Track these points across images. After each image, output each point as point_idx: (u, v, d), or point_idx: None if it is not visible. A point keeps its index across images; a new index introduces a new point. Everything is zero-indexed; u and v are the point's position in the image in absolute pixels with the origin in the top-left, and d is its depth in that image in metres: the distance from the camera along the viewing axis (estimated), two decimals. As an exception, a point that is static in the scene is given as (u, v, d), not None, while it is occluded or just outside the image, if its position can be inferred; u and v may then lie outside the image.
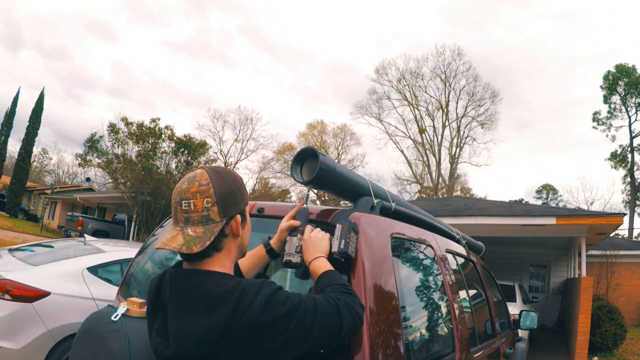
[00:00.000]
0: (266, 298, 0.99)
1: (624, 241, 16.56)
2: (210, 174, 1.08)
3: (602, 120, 32.99)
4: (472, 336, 2.29)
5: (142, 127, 16.72)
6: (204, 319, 0.96)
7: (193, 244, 1.01)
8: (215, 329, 0.95)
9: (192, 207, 1.04)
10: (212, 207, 1.05)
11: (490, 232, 9.10)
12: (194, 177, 1.08)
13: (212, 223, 1.05)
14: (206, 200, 1.05)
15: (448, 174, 35.84)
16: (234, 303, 0.97)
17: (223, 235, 1.08)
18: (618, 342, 8.67)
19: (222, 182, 1.08)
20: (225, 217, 1.07)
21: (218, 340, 0.95)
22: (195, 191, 1.05)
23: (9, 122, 31.22)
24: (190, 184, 1.06)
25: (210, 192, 1.05)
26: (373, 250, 1.50)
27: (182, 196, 1.06)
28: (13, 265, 3.92)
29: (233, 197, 1.10)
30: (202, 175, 1.08)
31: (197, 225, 1.04)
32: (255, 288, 1.00)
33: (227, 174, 1.12)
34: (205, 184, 1.06)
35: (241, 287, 1.00)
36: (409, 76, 36.47)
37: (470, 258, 2.98)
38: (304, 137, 41.06)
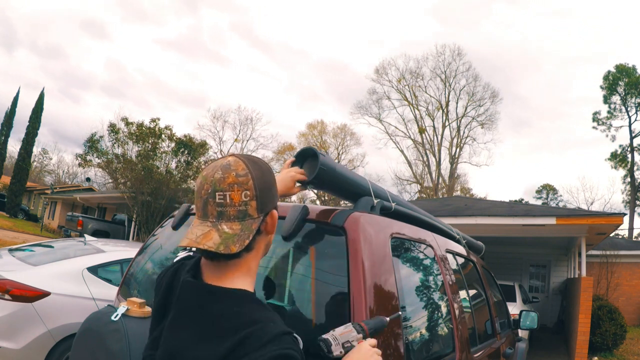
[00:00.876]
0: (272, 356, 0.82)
1: (624, 241, 16.56)
2: (247, 164, 0.95)
3: (602, 120, 33.01)
4: (472, 336, 2.29)
5: (142, 127, 16.73)
6: (196, 350, 0.85)
7: (232, 242, 0.89)
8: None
9: (227, 200, 0.91)
10: (250, 202, 0.93)
11: (490, 232, 9.10)
12: (228, 166, 0.94)
13: (249, 219, 0.93)
14: (244, 194, 0.92)
15: (448, 174, 35.86)
16: (232, 344, 0.83)
17: (258, 232, 0.97)
18: (618, 342, 8.67)
19: (261, 174, 0.96)
20: (262, 213, 0.96)
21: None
22: (232, 182, 0.92)
23: (9, 122, 31.23)
24: (225, 173, 0.92)
25: (249, 184, 0.93)
26: (373, 250, 1.50)
27: (217, 187, 0.91)
28: (13, 265, 3.92)
29: (271, 191, 0.99)
30: (237, 164, 0.95)
31: (233, 222, 0.92)
32: (266, 338, 0.84)
33: (263, 164, 1.00)
34: (244, 175, 0.93)
35: (251, 330, 0.85)
36: (409, 76, 36.51)
37: (470, 258, 2.98)
38: (304, 137, 41.09)
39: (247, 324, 0.86)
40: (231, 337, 0.83)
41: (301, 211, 1.61)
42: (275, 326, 0.88)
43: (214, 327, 0.86)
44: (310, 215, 1.62)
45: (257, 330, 0.85)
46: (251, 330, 0.84)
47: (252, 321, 0.87)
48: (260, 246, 1.01)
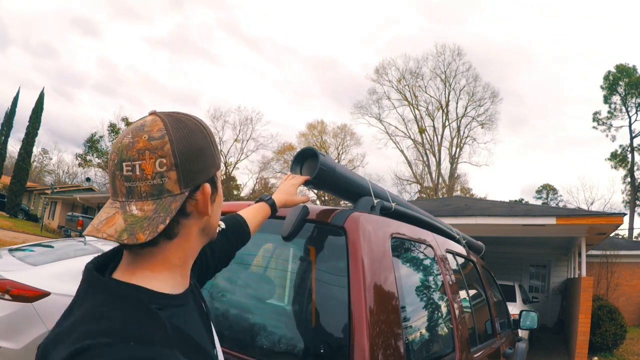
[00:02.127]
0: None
1: (624, 241, 16.56)
2: (166, 122, 0.72)
3: (602, 120, 33.02)
4: (472, 336, 2.29)
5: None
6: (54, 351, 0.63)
7: (139, 228, 0.67)
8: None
9: (137, 173, 0.69)
10: (168, 173, 0.70)
11: (490, 232, 9.10)
12: (142, 128, 0.71)
13: (168, 196, 0.70)
14: (159, 162, 0.69)
15: (448, 174, 35.86)
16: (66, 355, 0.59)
17: (184, 214, 0.74)
18: (618, 342, 8.67)
19: (186, 134, 0.72)
20: (188, 188, 0.72)
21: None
22: (142, 147, 0.69)
23: (9, 122, 31.24)
24: (136, 136, 0.70)
25: (165, 149, 0.69)
26: (373, 250, 1.50)
27: (124, 156, 0.69)
28: (13, 265, 3.92)
29: (201, 158, 0.74)
30: (154, 124, 0.71)
31: (145, 200, 0.69)
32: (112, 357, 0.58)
33: (191, 122, 0.75)
34: (159, 137, 0.70)
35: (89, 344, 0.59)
36: (409, 76, 36.53)
37: (470, 258, 2.98)
38: (304, 137, 41.10)
39: (98, 334, 0.61)
40: (73, 345, 0.60)
41: (301, 211, 1.61)
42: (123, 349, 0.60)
43: (75, 327, 0.64)
44: (310, 215, 1.62)
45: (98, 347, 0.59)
46: (92, 343, 0.59)
47: (105, 332, 0.61)
48: (191, 232, 0.77)
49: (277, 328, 1.59)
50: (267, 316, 1.68)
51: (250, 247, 1.94)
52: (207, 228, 0.81)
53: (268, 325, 1.62)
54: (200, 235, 0.80)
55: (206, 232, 0.81)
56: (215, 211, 0.81)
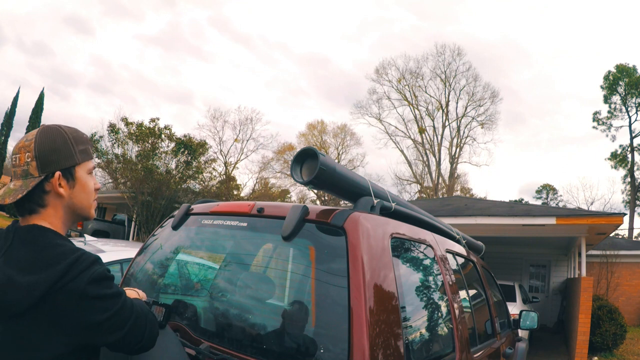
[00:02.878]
0: (98, 273, 1.02)
1: (624, 241, 16.56)
2: (38, 132, 1.11)
3: (602, 120, 33.01)
4: (472, 336, 2.29)
5: (142, 127, 16.73)
6: (32, 274, 0.96)
7: (7, 195, 1.06)
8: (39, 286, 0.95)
9: (17, 162, 1.09)
10: (31, 162, 1.08)
11: (490, 232, 9.10)
12: (26, 135, 1.12)
13: (30, 178, 1.08)
14: (27, 155, 1.08)
15: (448, 174, 35.86)
16: (64, 267, 0.98)
17: (43, 191, 1.09)
18: (618, 342, 8.67)
19: (46, 138, 1.10)
20: (44, 173, 1.08)
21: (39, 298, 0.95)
22: (21, 146, 1.10)
23: (9, 122, 31.23)
24: (21, 140, 1.12)
25: (31, 147, 1.08)
26: (373, 250, 1.50)
27: (14, 151, 1.12)
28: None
29: (55, 153, 1.10)
30: (32, 133, 1.12)
31: (18, 179, 1.09)
32: (90, 260, 1.02)
33: (56, 130, 1.13)
34: (30, 140, 1.09)
35: (77, 255, 1.02)
36: (409, 76, 36.51)
37: (470, 258, 2.98)
38: (304, 137, 41.09)
39: (73, 251, 1.03)
40: (61, 261, 0.99)
41: (301, 211, 1.61)
42: (90, 254, 1.05)
43: (43, 255, 1.00)
44: (310, 215, 1.62)
45: (83, 255, 1.02)
46: (77, 255, 1.02)
47: (72, 250, 1.03)
48: (57, 205, 1.12)
49: (277, 328, 1.59)
50: (267, 316, 1.68)
51: (251, 247, 1.94)
52: (72, 206, 1.15)
53: (268, 325, 1.62)
54: (68, 210, 1.15)
55: (72, 209, 1.15)
56: (77, 195, 1.15)
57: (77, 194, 1.15)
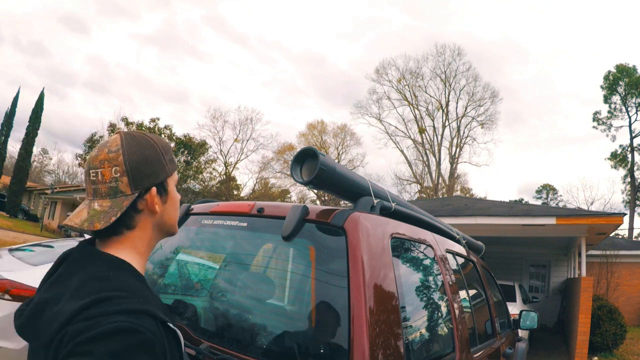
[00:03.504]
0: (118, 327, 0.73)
1: (624, 241, 16.56)
2: (123, 139, 0.94)
3: (602, 120, 33.03)
4: (472, 336, 2.29)
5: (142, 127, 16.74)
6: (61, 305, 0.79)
7: (97, 219, 0.88)
8: (58, 318, 0.77)
9: (99, 178, 0.91)
10: (121, 177, 0.91)
11: (490, 232, 9.10)
12: (105, 143, 0.94)
13: (121, 196, 0.91)
14: (114, 169, 0.90)
15: (448, 174, 35.86)
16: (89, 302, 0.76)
17: (135, 210, 0.93)
18: (618, 342, 8.67)
19: (136, 148, 0.94)
20: (137, 190, 0.92)
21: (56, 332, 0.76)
22: (103, 159, 0.91)
23: (9, 122, 31.24)
24: (99, 150, 0.93)
25: (119, 160, 0.91)
26: (373, 250, 1.50)
27: (90, 165, 0.92)
28: (13, 265, 3.92)
29: (149, 166, 0.94)
30: (114, 140, 0.94)
31: (104, 199, 0.90)
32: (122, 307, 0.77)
33: (143, 139, 0.97)
34: (115, 150, 0.92)
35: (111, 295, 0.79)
36: (409, 76, 36.52)
37: (470, 258, 2.98)
38: (304, 137, 41.09)
39: (113, 289, 0.81)
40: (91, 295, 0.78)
41: (301, 211, 1.61)
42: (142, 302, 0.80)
43: (83, 286, 0.82)
44: (310, 215, 1.62)
45: (119, 297, 0.79)
46: (114, 294, 0.79)
47: (120, 288, 0.81)
48: (146, 226, 0.96)
49: (277, 328, 1.59)
50: (267, 316, 1.68)
51: (251, 247, 1.94)
52: (162, 224, 1.00)
53: (268, 325, 1.62)
54: (157, 229, 0.99)
55: (161, 227, 1.00)
56: (167, 211, 1.01)
57: (168, 210, 1.00)
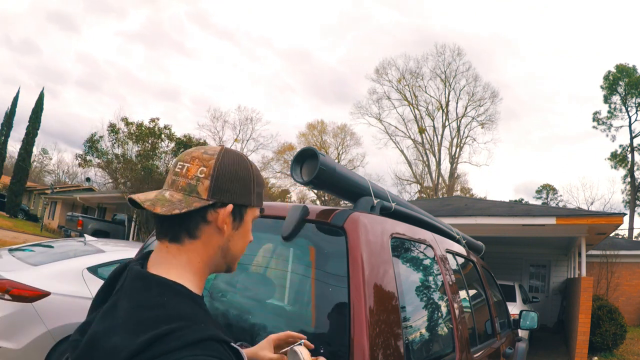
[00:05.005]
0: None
1: (624, 241, 16.56)
2: (223, 149, 0.90)
3: (602, 120, 33.02)
4: (472, 336, 2.29)
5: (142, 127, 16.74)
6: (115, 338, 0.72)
7: (160, 204, 0.82)
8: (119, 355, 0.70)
9: (183, 171, 0.87)
10: (203, 179, 0.85)
11: (490, 232, 9.10)
12: (204, 146, 0.92)
13: (195, 196, 0.85)
14: (201, 170, 0.86)
15: (448, 174, 35.86)
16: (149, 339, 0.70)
17: (204, 219, 0.86)
18: (618, 342, 8.67)
19: (231, 162, 0.89)
20: (213, 198, 0.85)
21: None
22: (195, 156, 0.88)
23: (9, 122, 31.25)
24: (196, 149, 0.90)
25: (209, 163, 0.87)
26: (373, 250, 1.50)
27: (181, 158, 0.89)
28: (13, 265, 3.92)
29: (235, 183, 0.89)
30: (214, 148, 0.91)
31: (178, 192, 0.85)
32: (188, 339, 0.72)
33: (242, 159, 0.92)
34: (211, 154, 0.88)
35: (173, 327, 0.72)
36: (409, 76, 36.52)
37: (470, 258, 2.98)
38: (304, 137, 41.09)
39: (170, 319, 0.73)
40: (150, 331, 0.71)
41: (301, 211, 1.61)
42: (203, 329, 0.75)
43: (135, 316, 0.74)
44: (310, 215, 1.62)
45: (180, 329, 0.72)
46: (173, 327, 0.72)
47: (178, 316, 0.75)
48: (210, 243, 0.87)
49: (277, 328, 1.59)
50: (267, 316, 1.68)
51: (250, 247, 1.94)
52: (227, 251, 0.91)
53: (268, 325, 1.62)
54: (220, 252, 0.90)
55: (225, 254, 0.91)
56: (236, 239, 0.92)
57: (237, 238, 0.92)
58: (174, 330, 0.71)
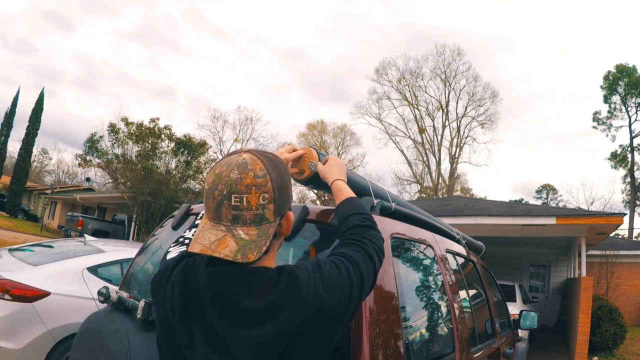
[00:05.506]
0: (323, 278, 0.90)
1: (624, 241, 16.55)
2: (265, 163, 0.89)
3: (602, 120, 33.00)
4: (472, 336, 2.29)
5: (142, 127, 16.74)
6: (271, 322, 0.83)
7: (249, 250, 0.84)
8: (286, 329, 0.84)
9: (244, 204, 0.85)
10: (268, 205, 0.87)
11: (490, 232, 9.09)
12: (245, 165, 0.87)
13: (266, 223, 0.88)
14: (263, 196, 0.86)
15: (448, 174, 35.85)
16: (296, 296, 0.85)
17: (274, 236, 0.92)
18: (618, 342, 8.67)
19: (279, 174, 0.90)
20: (279, 216, 0.91)
21: (291, 338, 0.85)
22: (250, 184, 0.85)
23: (9, 122, 31.24)
24: (242, 173, 0.86)
25: (268, 187, 0.86)
26: (373, 250, 1.50)
27: (233, 189, 0.85)
28: (13, 265, 3.92)
29: (287, 192, 0.93)
30: (255, 163, 0.88)
31: (249, 226, 0.86)
32: (308, 272, 0.90)
33: (280, 162, 0.94)
34: (262, 176, 0.86)
35: (296, 277, 0.87)
36: (409, 76, 36.50)
37: (470, 258, 2.98)
38: (304, 137, 41.07)
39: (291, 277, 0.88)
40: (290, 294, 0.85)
41: (301, 211, 1.61)
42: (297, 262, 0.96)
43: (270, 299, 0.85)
44: (310, 215, 1.62)
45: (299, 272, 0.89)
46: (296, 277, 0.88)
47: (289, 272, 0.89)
48: (275, 248, 0.97)
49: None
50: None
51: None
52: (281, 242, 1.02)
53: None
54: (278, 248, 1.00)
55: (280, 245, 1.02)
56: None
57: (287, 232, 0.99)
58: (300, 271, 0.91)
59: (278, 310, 0.84)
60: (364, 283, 0.99)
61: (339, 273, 0.94)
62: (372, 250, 1.08)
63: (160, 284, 0.97)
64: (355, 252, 1.03)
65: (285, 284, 0.87)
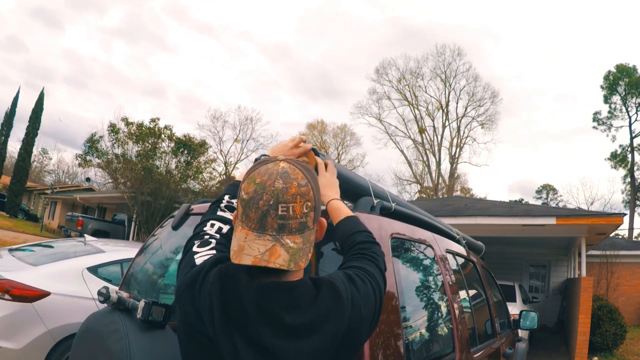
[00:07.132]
0: (359, 290, 0.98)
1: (624, 241, 16.55)
2: (304, 172, 0.91)
3: (603, 120, 32.99)
4: (472, 336, 2.29)
5: (142, 127, 16.74)
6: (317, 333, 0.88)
7: (298, 257, 0.86)
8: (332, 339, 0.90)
9: (290, 213, 0.87)
10: (310, 213, 0.90)
11: (490, 232, 9.09)
12: (287, 174, 0.89)
13: (307, 231, 0.90)
14: (306, 205, 0.88)
15: (448, 174, 35.85)
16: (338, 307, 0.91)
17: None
18: (618, 342, 8.66)
19: (315, 182, 0.94)
20: (315, 222, 0.94)
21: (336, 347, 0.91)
22: (295, 193, 0.87)
23: (9, 122, 31.24)
24: (287, 183, 0.88)
25: (310, 195, 0.89)
26: (373, 250, 1.50)
27: (280, 198, 0.86)
28: (13, 265, 3.92)
29: (319, 198, 0.97)
30: (295, 172, 0.90)
31: (295, 235, 0.88)
32: (344, 283, 0.96)
33: (313, 170, 0.98)
34: (305, 185, 0.89)
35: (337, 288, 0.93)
36: (409, 76, 36.50)
37: (470, 258, 2.98)
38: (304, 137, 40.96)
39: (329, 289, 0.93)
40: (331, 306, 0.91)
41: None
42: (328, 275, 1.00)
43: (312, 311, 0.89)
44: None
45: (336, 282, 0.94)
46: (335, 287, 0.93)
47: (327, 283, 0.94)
48: (312, 250, 1.00)
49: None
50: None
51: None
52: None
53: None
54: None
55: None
56: None
57: (320, 237, 1.03)
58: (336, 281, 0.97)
59: (323, 320, 0.89)
60: (381, 294, 1.08)
61: (365, 285, 1.02)
62: (382, 265, 1.17)
63: (192, 289, 0.95)
64: (370, 267, 1.11)
65: (327, 295, 0.92)
